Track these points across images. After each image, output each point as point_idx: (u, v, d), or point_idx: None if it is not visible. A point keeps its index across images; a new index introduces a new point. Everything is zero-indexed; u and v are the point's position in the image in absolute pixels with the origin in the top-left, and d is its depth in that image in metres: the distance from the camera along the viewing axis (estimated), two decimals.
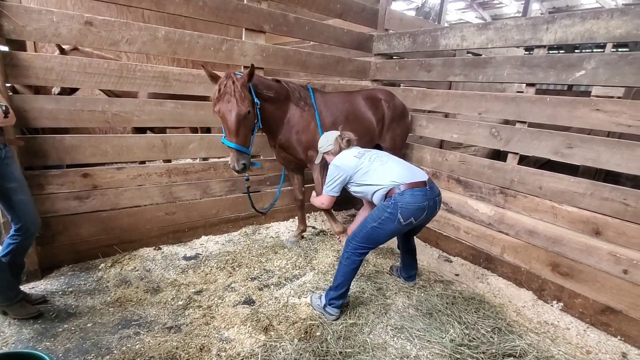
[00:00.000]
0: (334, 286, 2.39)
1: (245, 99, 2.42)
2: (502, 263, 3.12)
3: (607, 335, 2.48)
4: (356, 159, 2.46)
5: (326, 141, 2.60)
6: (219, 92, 2.41)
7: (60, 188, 2.72)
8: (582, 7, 13.30)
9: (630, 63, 2.30)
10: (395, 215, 2.20)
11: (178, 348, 2.07)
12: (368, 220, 2.32)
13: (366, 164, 2.41)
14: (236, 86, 2.39)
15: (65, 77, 2.55)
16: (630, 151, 2.34)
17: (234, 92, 2.38)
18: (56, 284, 2.64)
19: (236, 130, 2.45)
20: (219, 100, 2.42)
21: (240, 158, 2.50)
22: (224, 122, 2.48)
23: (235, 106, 2.39)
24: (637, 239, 2.36)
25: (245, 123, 2.49)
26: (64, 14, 2.46)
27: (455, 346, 2.21)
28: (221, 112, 2.44)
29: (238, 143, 2.48)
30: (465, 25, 3.30)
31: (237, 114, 2.40)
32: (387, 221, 2.24)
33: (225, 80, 2.42)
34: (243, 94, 2.41)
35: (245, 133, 2.53)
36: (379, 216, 2.27)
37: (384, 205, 2.28)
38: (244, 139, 2.53)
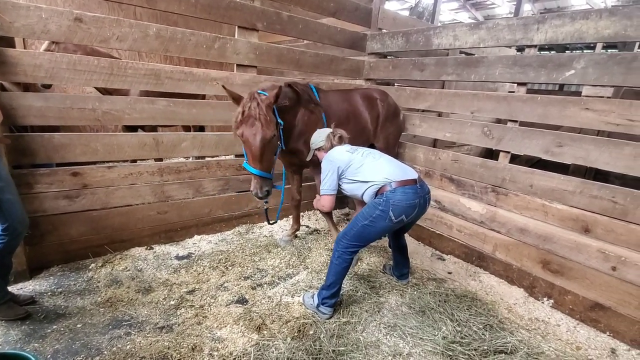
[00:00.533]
0: (326, 285, 2.38)
1: (270, 123, 2.29)
2: (494, 261, 3.14)
3: (596, 331, 2.52)
4: (348, 153, 2.44)
5: (318, 137, 2.58)
6: (243, 114, 2.27)
7: (49, 187, 2.68)
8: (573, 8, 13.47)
9: (619, 63, 2.33)
10: (387, 212, 2.20)
11: (170, 348, 2.05)
12: (359, 219, 2.31)
13: (358, 158, 2.39)
14: (261, 108, 2.26)
15: (55, 75, 2.51)
16: (619, 150, 2.38)
17: (258, 115, 2.25)
18: (45, 284, 2.60)
19: (260, 156, 2.33)
20: (242, 124, 2.28)
21: (264, 185, 2.40)
22: (247, 147, 2.35)
23: (260, 130, 2.25)
24: (625, 236, 2.40)
25: (270, 147, 2.38)
26: (53, 10, 2.42)
27: (448, 343, 2.22)
28: (244, 136, 2.31)
29: (261, 169, 2.36)
30: (457, 24, 3.32)
31: (261, 138, 2.27)
32: (378, 219, 2.23)
33: (249, 102, 2.29)
34: (268, 117, 2.28)
35: (269, 158, 2.42)
36: (370, 214, 2.26)
37: (375, 202, 2.27)
38: (268, 164, 2.41)
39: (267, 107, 2.31)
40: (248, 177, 3.66)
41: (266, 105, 2.30)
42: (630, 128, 2.32)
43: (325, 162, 2.46)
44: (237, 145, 3.49)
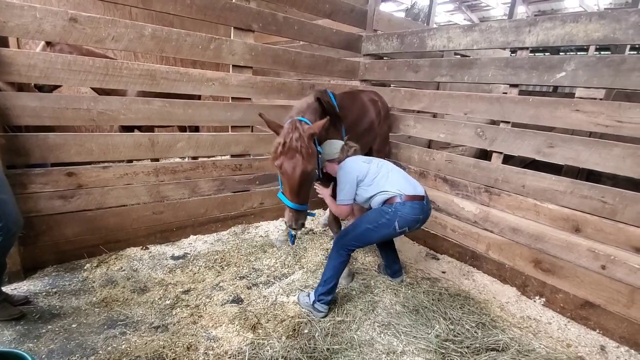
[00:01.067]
0: (322, 281, 2.42)
1: (312, 156, 2.17)
2: (487, 260, 3.18)
3: (586, 329, 2.56)
4: (365, 164, 2.47)
5: (332, 149, 2.53)
6: (284, 146, 2.14)
7: (43, 187, 2.67)
8: (566, 10, 13.61)
9: (608, 65, 2.38)
10: (393, 222, 2.29)
11: (165, 347, 2.06)
12: (363, 221, 2.38)
13: (374, 169, 2.44)
14: (302, 140, 2.14)
15: (49, 75, 2.51)
16: (608, 150, 2.42)
17: (300, 147, 2.12)
18: (40, 284, 2.59)
19: (298, 190, 2.20)
20: (281, 155, 2.15)
21: (300, 217, 2.29)
22: (285, 179, 2.23)
23: (300, 164, 2.12)
24: (614, 235, 2.44)
25: (309, 180, 2.26)
26: (48, 10, 2.42)
27: (441, 341, 2.25)
28: (283, 168, 2.18)
29: (298, 202, 2.24)
30: (451, 26, 3.36)
31: (302, 172, 2.14)
32: (383, 226, 2.32)
33: (290, 132, 2.16)
34: (310, 150, 2.15)
35: (307, 190, 2.29)
36: (376, 220, 2.33)
37: (383, 210, 2.33)
38: (305, 197, 2.29)
39: (309, 137, 2.19)
40: (243, 177, 3.68)
41: (308, 136, 2.18)
42: (618, 129, 2.37)
43: (343, 173, 2.45)
44: (232, 146, 3.50)
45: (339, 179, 2.47)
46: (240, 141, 3.53)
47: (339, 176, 2.48)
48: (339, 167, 2.51)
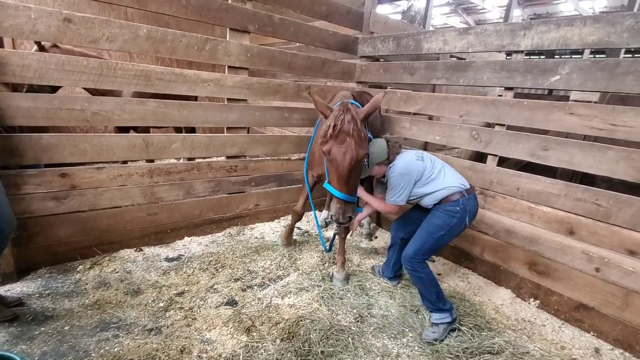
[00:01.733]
0: (435, 298, 2.33)
1: (364, 140, 2.02)
2: (482, 262, 3.19)
3: (580, 331, 2.57)
4: (420, 161, 2.36)
5: (381, 150, 2.33)
6: (334, 129, 1.97)
7: (37, 188, 2.65)
8: (562, 13, 13.71)
9: (602, 69, 2.39)
10: (464, 219, 2.27)
11: (158, 350, 2.04)
12: (432, 231, 2.29)
13: (430, 165, 2.36)
14: (355, 123, 1.98)
15: (43, 75, 2.49)
16: (602, 154, 2.43)
17: (352, 131, 1.96)
18: (33, 286, 2.57)
19: (347, 178, 2.03)
20: (331, 138, 1.99)
21: (348, 209, 2.11)
22: (333, 165, 2.05)
23: (352, 148, 1.96)
24: (608, 238, 2.45)
25: (359, 167, 2.10)
26: (42, 10, 2.40)
27: (436, 344, 2.25)
28: (332, 154, 2.01)
29: (347, 192, 2.08)
30: (447, 29, 3.37)
31: (352, 158, 1.98)
32: (455, 227, 2.28)
33: (342, 114, 2.00)
34: (363, 134, 2.00)
35: (356, 179, 2.13)
36: (446, 223, 2.27)
37: (449, 210, 2.27)
38: (354, 186, 2.13)
39: (362, 120, 2.04)
40: (238, 178, 3.67)
41: (362, 119, 2.03)
42: (612, 132, 2.38)
43: (398, 174, 2.32)
44: (228, 147, 3.49)
45: (394, 181, 2.32)
46: (235, 142, 3.52)
47: (393, 178, 2.33)
48: (392, 168, 2.36)
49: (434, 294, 2.32)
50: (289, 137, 3.98)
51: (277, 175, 3.99)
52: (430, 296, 2.33)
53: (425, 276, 2.32)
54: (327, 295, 2.68)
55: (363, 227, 3.99)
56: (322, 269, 3.08)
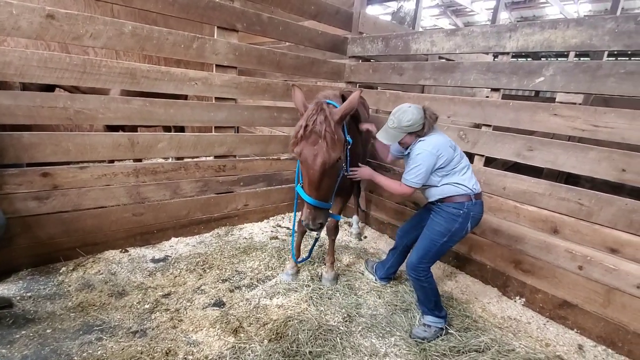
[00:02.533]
0: (434, 305, 2.33)
1: (337, 143, 1.89)
2: (469, 261, 3.22)
3: (564, 328, 2.62)
4: (451, 149, 2.18)
5: (417, 119, 2.11)
6: (305, 129, 1.88)
7: (17, 188, 2.58)
8: (548, 16, 13.98)
9: (585, 71, 2.44)
10: (466, 224, 2.20)
11: (143, 353, 2.01)
12: (434, 239, 2.23)
13: (457, 158, 2.20)
14: (328, 124, 1.86)
15: (25, 72, 2.42)
16: (584, 154, 2.48)
17: (324, 132, 1.84)
18: (14, 288, 2.49)
19: (318, 182, 1.92)
20: (302, 140, 1.89)
21: (318, 216, 1.99)
22: (304, 169, 1.95)
23: (323, 152, 1.85)
24: (590, 236, 2.51)
25: (332, 172, 1.97)
26: (24, 6, 2.33)
27: (423, 343, 2.26)
28: (302, 156, 1.90)
29: (317, 198, 1.96)
30: (435, 30, 3.40)
31: (323, 162, 1.86)
32: (457, 232, 2.21)
33: (315, 114, 1.90)
34: (336, 136, 1.87)
35: (329, 185, 2.00)
36: (448, 229, 2.19)
37: (451, 214, 2.18)
38: (327, 192, 2.00)
39: (337, 122, 1.91)
40: (227, 178, 3.63)
41: (336, 121, 1.91)
42: (594, 133, 2.43)
43: (427, 153, 2.10)
44: (216, 146, 3.45)
45: (419, 159, 2.11)
46: (224, 142, 3.48)
47: (420, 155, 2.12)
48: (420, 143, 2.15)
49: (432, 302, 2.33)
50: (278, 137, 3.96)
51: (266, 175, 3.97)
52: (429, 304, 2.34)
53: (428, 286, 2.30)
54: (315, 296, 2.67)
55: (352, 227, 3.99)
56: (311, 269, 3.07)
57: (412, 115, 2.10)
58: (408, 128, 2.12)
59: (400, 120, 2.13)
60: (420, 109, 2.15)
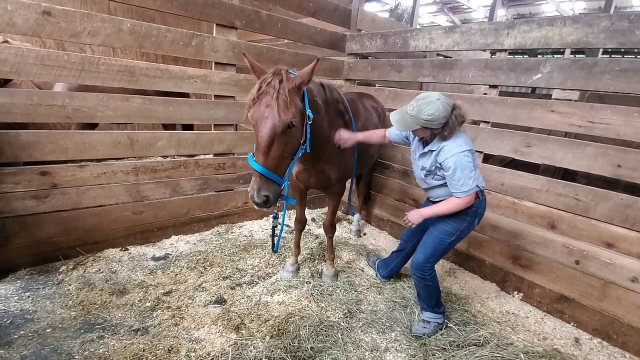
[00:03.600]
0: (435, 302, 2.34)
1: (290, 106, 1.78)
2: (468, 257, 3.25)
3: (562, 322, 2.66)
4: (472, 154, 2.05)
5: (440, 113, 1.91)
6: (258, 91, 1.79)
7: (15, 187, 2.56)
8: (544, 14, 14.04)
9: (581, 68, 2.47)
10: (473, 222, 2.21)
11: (145, 350, 2.01)
12: (442, 238, 2.19)
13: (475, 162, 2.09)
14: (282, 87, 1.78)
15: (21, 70, 2.41)
16: (581, 150, 2.51)
17: (277, 94, 1.76)
18: (12, 288, 2.48)
19: (267, 147, 1.78)
20: (254, 104, 1.80)
21: (264, 187, 1.80)
22: (255, 132, 1.82)
23: (273, 113, 1.74)
24: (587, 231, 2.54)
25: (284, 140, 1.82)
26: (20, 2, 2.31)
27: (423, 338, 2.29)
28: (254, 119, 1.80)
29: (266, 166, 1.80)
30: (433, 27, 3.41)
31: (273, 125, 1.74)
32: (465, 230, 2.20)
33: (270, 77, 1.81)
34: (289, 99, 1.78)
35: (280, 154, 1.83)
36: (456, 228, 2.16)
37: (461, 214, 2.12)
38: (277, 161, 1.83)
39: (292, 88, 1.82)
40: (227, 176, 3.63)
41: (291, 87, 1.81)
42: (591, 129, 2.46)
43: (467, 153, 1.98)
44: (215, 144, 3.45)
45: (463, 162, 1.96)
46: (223, 140, 3.48)
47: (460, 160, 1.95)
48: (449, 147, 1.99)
49: (434, 300, 2.35)
50: None
51: None
52: (430, 302, 2.36)
53: (432, 284, 2.30)
54: (316, 292, 2.69)
55: (352, 224, 4.01)
56: (312, 266, 3.08)
57: (435, 110, 1.90)
58: (426, 122, 1.93)
59: (420, 110, 1.93)
60: (449, 106, 1.94)
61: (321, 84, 2.33)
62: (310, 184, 2.58)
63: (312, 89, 2.07)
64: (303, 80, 1.86)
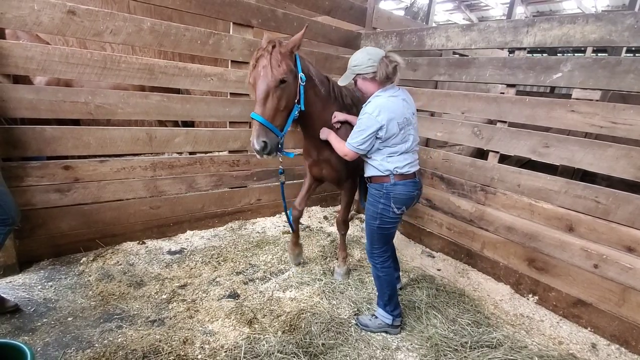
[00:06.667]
0: (386, 300, 2.30)
1: (282, 65, 2.01)
2: (482, 258, 3.21)
3: (578, 327, 2.60)
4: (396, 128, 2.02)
5: (366, 58, 2.02)
6: (255, 57, 2.06)
7: (40, 180, 2.66)
8: (565, 11, 13.66)
9: (604, 67, 2.40)
10: (388, 205, 2.12)
11: (161, 341, 2.07)
12: (369, 222, 2.23)
13: (397, 139, 2.06)
14: (275, 51, 2.02)
15: (47, 67, 2.50)
16: (602, 151, 2.45)
17: (270, 56, 2.00)
18: (35, 277, 2.59)
19: (264, 99, 2.01)
20: (254, 68, 2.06)
21: (262, 134, 2.01)
22: (255, 90, 2.06)
23: (267, 71, 1.99)
24: (606, 235, 2.47)
25: (278, 93, 2.04)
26: (46, 1, 2.40)
27: (435, 338, 2.28)
28: (253, 79, 2.06)
29: (263, 115, 2.02)
30: (450, 25, 3.37)
31: (267, 80, 1.99)
32: (384, 213, 2.14)
33: (265, 44, 2.07)
34: (280, 59, 2.01)
35: (276, 105, 2.05)
36: (375, 212, 2.16)
37: (373, 195, 2.17)
38: (273, 112, 2.05)
39: (283, 53, 2.03)
40: (241, 173, 3.69)
41: (284, 51, 2.03)
42: (613, 130, 2.40)
43: (366, 115, 2.01)
44: (230, 141, 3.50)
45: (360, 118, 2.07)
46: (238, 137, 3.53)
47: (363, 114, 2.05)
48: (371, 100, 2.07)
49: (386, 295, 2.30)
50: (291, 132, 3.98)
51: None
52: (383, 297, 2.32)
53: (382, 276, 2.28)
54: (328, 289, 2.71)
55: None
56: (324, 264, 3.10)
57: (360, 55, 2.07)
58: (355, 68, 2.07)
59: (350, 62, 2.12)
60: (375, 52, 2.04)
61: (326, 77, 2.49)
62: (323, 175, 2.72)
63: (310, 69, 2.30)
64: (295, 44, 2.10)
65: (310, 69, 2.31)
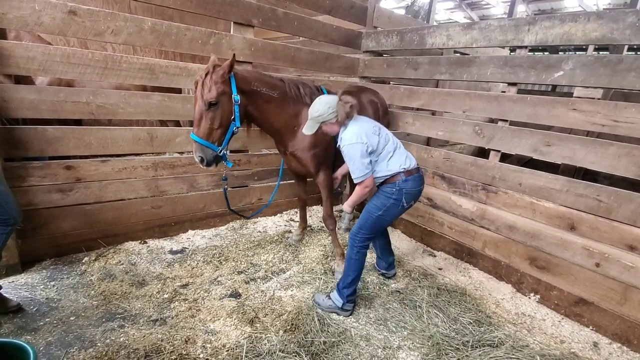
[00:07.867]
0: (348, 282, 2.39)
1: (212, 89, 2.25)
2: (483, 257, 3.21)
3: (580, 326, 2.60)
4: (375, 136, 2.31)
5: (326, 107, 2.25)
6: (194, 83, 2.31)
7: (42, 180, 2.67)
8: (566, 9, 13.62)
9: (605, 65, 2.40)
10: (400, 200, 2.34)
11: (163, 340, 2.07)
12: (371, 211, 2.39)
13: (382, 143, 2.33)
14: (207, 77, 2.26)
15: (48, 67, 2.50)
16: (604, 150, 2.44)
17: (202, 82, 2.26)
18: (37, 277, 2.60)
19: (197, 120, 2.30)
20: (194, 92, 2.32)
21: (198, 150, 2.34)
22: None
23: (199, 92, 2.26)
24: (608, 233, 2.47)
25: (210, 115, 2.30)
26: (47, 2, 2.40)
27: (436, 337, 2.28)
28: (193, 101, 2.36)
29: (198, 134, 2.32)
30: (451, 24, 3.36)
31: (199, 104, 2.28)
32: (392, 207, 2.35)
33: (202, 72, 2.32)
34: (210, 84, 2.26)
35: (209, 126, 2.32)
36: (383, 204, 2.35)
37: (386, 192, 2.36)
38: (208, 131, 2.33)
39: (217, 76, 2.26)
40: (242, 173, 3.69)
41: (216, 75, 2.26)
42: (615, 129, 2.39)
43: (350, 146, 2.24)
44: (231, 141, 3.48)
45: (347, 152, 2.28)
46: (238, 137, 3.49)
47: (346, 149, 2.28)
48: (342, 137, 2.31)
49: (350, 278, 2.40)
50: None
51: (279, 170, 4.00)
52: (346, 278, 2.41)
53: (355, 259, 2.40)
54: (329, 288, 2.71)
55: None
56: (324, 263, 3.10)
57: (319, 106, 2.27)
58: (319, 118, 2.28)
59: (310, 112, 2.32)
60: (332, 99, 2.27)
61: (281, 79, 2.71)
62: (294, 169, 3.02)
63: (251, 74, 2.52)
64: (224, 70, 2.29)
65: (254, 82, 2.49)
